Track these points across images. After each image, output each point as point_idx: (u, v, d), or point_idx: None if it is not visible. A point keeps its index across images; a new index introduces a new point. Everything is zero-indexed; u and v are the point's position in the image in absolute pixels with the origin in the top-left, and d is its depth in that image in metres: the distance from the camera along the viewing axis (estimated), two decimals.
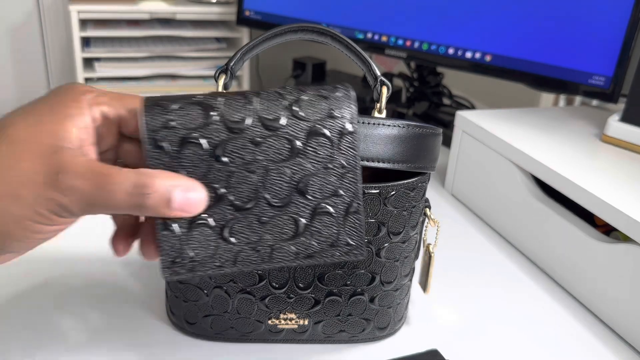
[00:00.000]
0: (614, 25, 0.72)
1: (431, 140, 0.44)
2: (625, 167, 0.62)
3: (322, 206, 0.35)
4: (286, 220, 0.35)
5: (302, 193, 0.35)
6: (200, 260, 0.34)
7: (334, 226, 0.36)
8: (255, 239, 0.35)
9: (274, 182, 0.35)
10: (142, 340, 0.49)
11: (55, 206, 0.31)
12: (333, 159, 0.35)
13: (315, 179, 0.35)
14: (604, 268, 0.54)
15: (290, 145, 0.35)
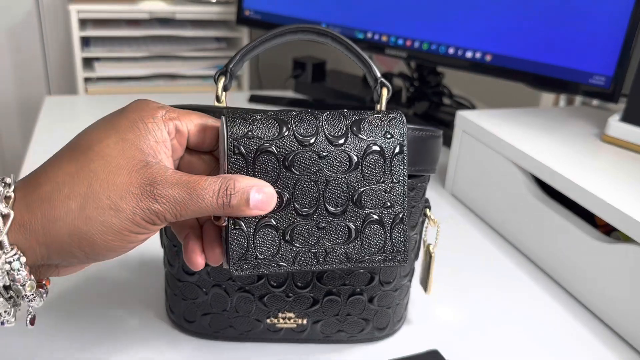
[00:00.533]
0: (614, 24, 0.72)
1: (431, 143, 0.44)
2: (625, 167, 0.62)
3: (373, 216, 0.39)
4: (341, 226, 0.38)
5: (357, 203, 0.38)
6: (263, 259, 0.37)
7: (382, 234, 0.39)
8: (312, 242, 0.38)
9: (333, 192, 0.38)
10: (141, 339, 0.49)
11: (151, 215, 0.33)
12: (385, 174, 0.39)
13: (368, 191, 0.39)
14: (604, 268, 0.54)
15: (349, 160, 0.38)
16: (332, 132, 0.38)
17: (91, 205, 0.33)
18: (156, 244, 0.61)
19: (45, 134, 0.91)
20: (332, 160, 0.38)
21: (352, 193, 0.38)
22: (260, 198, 0.36)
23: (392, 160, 0.39)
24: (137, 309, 0.52)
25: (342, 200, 0.38)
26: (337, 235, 0.38)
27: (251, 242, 0.37)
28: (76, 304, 0.52)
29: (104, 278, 0.56)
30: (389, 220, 0.39)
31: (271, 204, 0.37)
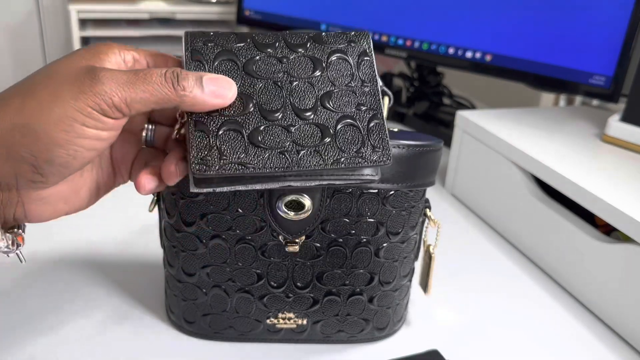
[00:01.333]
0: (614, 24, 0.72)
1: (432, 157, 0.44)
2: (625, 167, 0.62)
3: (346, 117, 0.38)
4: (313, 128, 0.37)
5: (326, 105, 0.38)
6: (228, 161, 0.35)
7: (359, 135, 0.37)
8: (282, 144, 0.36)
9: (300, 95, 0.37)
10: (141, 339, 0.49)
11: (95, 98, 0.32)
12: (353, 76, 0.39)
13: (338, 93, 0.38)
14: (604, 268, 0.54)
15: (313, 63, 0.38)
16: (293, 40, 0.39)
17: (30, 98, 0.32)
18: (156, 245, 0.62)
19: None
20: (294, 64, 0.38)
21: (320, 94, 0.38)
22: (214, 82, 0.35)
23: (359, 63, 0.39)
24: (137, 309, 0.52)
25: (311, 102, 0.37)
26: (309, 137, 0.37)
27: (214, 143, 0.35)
28: (76, 304, 0.52)
29: (104, 279, 0.56)
30: (365, 121, 0.38)
31: (228, 89, 0.36)
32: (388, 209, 0.44)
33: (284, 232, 0.43)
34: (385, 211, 0.44)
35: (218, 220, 0.44)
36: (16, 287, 0.54)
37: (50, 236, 0.62)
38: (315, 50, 0.39)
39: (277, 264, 0.45)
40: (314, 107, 0.37)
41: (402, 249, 0.47)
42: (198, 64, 0.37)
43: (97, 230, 0.64)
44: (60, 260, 0.59)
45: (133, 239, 0.63)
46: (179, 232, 0.45)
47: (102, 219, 0.66)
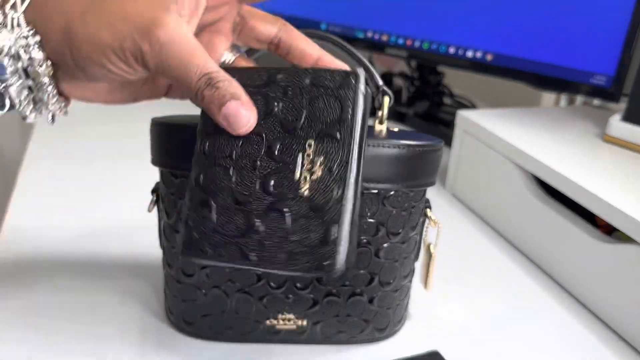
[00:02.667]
0: (615, 24, 0.72)
1: (432, 157, 0.44)
2: (627, 167, 0.62)
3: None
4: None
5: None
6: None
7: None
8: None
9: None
10: (141, 340, 0.48)
11: (136, 52, 0.33)
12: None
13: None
14: (605, 268, 0.54)
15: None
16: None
17: (92, 13, 0.34)
18: (156, 245, 0.61)
19: (44, 134, 0.91)
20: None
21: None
22: (236, 115, 0.35)
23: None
24: (137, 309, 0.52)
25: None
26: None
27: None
28: (75, 304, 0.52)
29: (104, 279, 0.56)
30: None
31: (243, 126, 0.35)
32: (388, 209, 0.44)
33: None
34: (386, 211, 0.44)
35: None
36: (16, 287, 0.54)
37: (49, 236, 0.62)
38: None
39: None
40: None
41: (402, 249, 0.46)
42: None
43: (96, 231, 0.64)
44: (59, 260, 0.58)
45: (132, 239, 0.63)
46: (178, 232, 0.45)
47: (101, 219, 0.66)
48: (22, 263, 0.57)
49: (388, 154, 0.42)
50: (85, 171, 0.79)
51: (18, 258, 0.58)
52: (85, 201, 0.70)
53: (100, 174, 0.78)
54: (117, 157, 0.84)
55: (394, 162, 0.42)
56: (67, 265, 0.58)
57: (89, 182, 0.75)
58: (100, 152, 0.85)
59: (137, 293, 0.54)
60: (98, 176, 0.77)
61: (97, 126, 0.96)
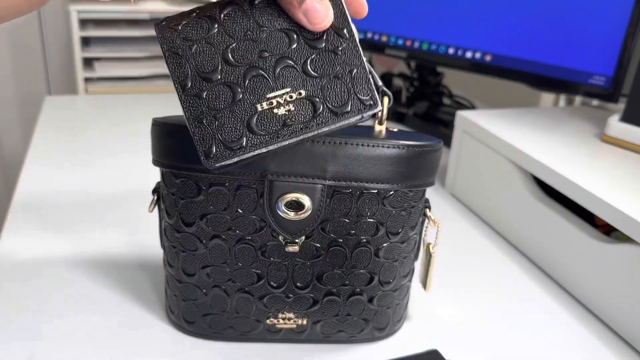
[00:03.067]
0: (614, 24, 0.72)
1: (431, 157, 0.44)
2: (625, 167, 0.62)
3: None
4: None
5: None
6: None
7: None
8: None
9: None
10: (141, 339, 0.49)
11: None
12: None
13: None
14: (604, 268, 0.54)
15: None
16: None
17: None
18: (156, 244, 0.62)
19: (45, 134, 0.91)
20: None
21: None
22: (317, 7, 0.36)
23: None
24: (137, 309, 0.52)
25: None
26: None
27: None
28: (76, 304, 0.52)
29: (104, 279, 0.56)
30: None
31: (320, 21, 0.36)
32: (388, 209, 0.44)
33: (284, 232, 0.43)
34: (385, 211, 0.44)
35: (218, 220, 0.44)
36: (16, 287, 0.54)
37: (49, 236, 0.62)
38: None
39: (277, 264, 0.45)
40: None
41: (402, 249, 0.47)
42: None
43: (97, 231, 0.64)
44: (60, 260, 0.59)
45: (133, 239, 0.63)
46: (179, 232, 0.45)
47: (102, 219, 0.67)
48: (23, 262, 0.58)
49: (387, 154, 0.42)
50: (86, 171, 0.79)
51: (19, 257, 0.58)
52: (86, 200, 0.70)
53: (101, 174, 0.78)
54: (118, 157, 0.84)
55: (394, 162, 0.43)
56: (68, 264, 0.58)
57: (90, 182, 0.76)
58: (101, 152, 0.86)
59: (138, 292, 0.54)
60: (98, 176, 0.78)
61: (98, 126, 0.96)
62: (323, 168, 0.42)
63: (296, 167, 0.42)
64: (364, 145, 0.42)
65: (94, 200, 0.71)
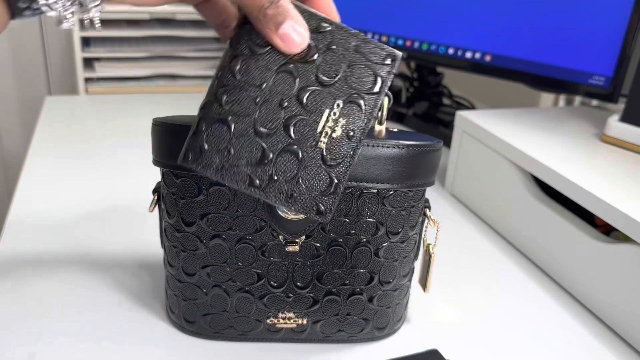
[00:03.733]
0: (613, 25, 0.72)
1: (431, 157, 0.44)
2: (625, 167, 0.62)
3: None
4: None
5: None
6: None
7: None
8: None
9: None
10: (142, 339, 0.49)
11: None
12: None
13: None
14: (603, 268, 0.54)
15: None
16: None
17: None
18: (156, 245, 0.62)
19: (46, 134, 0.92)
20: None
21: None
22: (291, 34, 0.37)
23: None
24: (137, 309, 0.52)
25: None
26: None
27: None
28: (76, 303, 0.52)
29: (104, 278, 0.56)
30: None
31: (296, 47, 0.37)
32: (388, 209, 0.44)
33: (284, 232, 0.44)
34: (385, 211, 0.44)
35: (218, 220, 0.44)
36: (16, 287, 0.54)
37: (50, 236, 0.62)
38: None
39: (277, 264, 0.46)
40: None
41: (401, 248, 0.47)
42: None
43: (97, 231, 0.64)
44: (60, 259, 0.59)
45: (133, 239, 0.63)
46: (179, 232, 0.45)
47: (102, 219, 0.67)
48: (23, 262, 0.58)
49: (387, 154, 0.42)
50: (86, 171, 0.79)
51: (19, 257, 0.59)
52: (86, 201, 0.70)
53: (101, 174, 0.78)
54: (118, 157, 0.84)
55: (393, 162, 0.43)
56: (68, 264, 0.58)
57: (90, 182, 0.76)
58: (101, 152, 0.86)
59: (138, 292, 0.54)
60: (99, 176, 0.78)
61: (98, 126, 0.96)
62: None
63: None
64: (364, 145, 0.42)
65: (94, 200, 0.71)
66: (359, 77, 0.38)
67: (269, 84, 0.38)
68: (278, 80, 0.38)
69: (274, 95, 0.38)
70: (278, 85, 0.38)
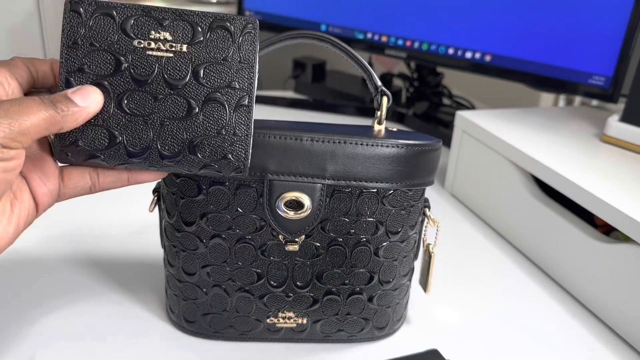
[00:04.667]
0: (613, 25, 0.72)
1: (430, 157, 0.44)
2: (625, 167, 0.62)
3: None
4: (180, 101, 0.38)
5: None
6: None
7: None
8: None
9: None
10: (142, 339, 0.49)
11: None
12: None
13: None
14: (603, 268, 0.54)
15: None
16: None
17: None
18: (156, 245, 0.62)
19: None
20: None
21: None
22: (82, 93, 0.36)
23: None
24: (137, 309, 0.52)
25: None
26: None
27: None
28: (76, 303, 0.52)
29: (105, 278, 0.56)
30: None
31: (97, 94, 0.37)
32: (387, 208, 0.44)
33: (284, 231, 0.44)
34: (385, 210, 0.44)
35: (218, 219, 0.44)
36: (16, 287, 0.54)
37: (50, 236, 0.62)
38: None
39: (277, 264, 0.46)
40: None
41: (401, 248, 0.47)
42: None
43: (97, 230, 0.64)
44: (60, 259, 0.59)
45: (133, 239, 0.63)
46: (179, 231, 0.45)
47: (102, 219, 0.67)
48: (23, 261, 0.58)
49: (387, 153, 0.42)
50: None
51: (19, 256, 0.59)
52: (86, 200, 0.70)
53: None
54: None
55: (393, 162, 0.43)
56: (68, 264, 0.58)
57: None
58: None
59: (138, 292, 0.54)
60: None
61: None
62: (322, 167, 0.42)
63: (296, 167, 0.42)
64: (363, 144, 0.42)
65: (94, 199, 0.71)
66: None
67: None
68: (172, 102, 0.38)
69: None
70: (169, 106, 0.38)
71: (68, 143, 0.38)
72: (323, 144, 0.42)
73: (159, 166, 0.39)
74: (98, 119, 0.37)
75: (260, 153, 0.41)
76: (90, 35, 0.37)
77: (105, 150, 0.38)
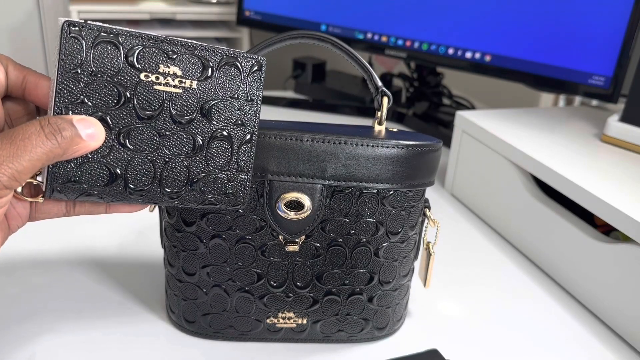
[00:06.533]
0: (613, 25, 0.72)
1: (431, 157, 0.45)
2: (624, 167, 0.62)
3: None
4: (186, 138, 0.38)
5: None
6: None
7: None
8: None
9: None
10: (142, 339, 0.49)
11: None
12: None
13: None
14: (603, 268, 0.54)
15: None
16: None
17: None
18: (156, 245, 0.62)
19: None
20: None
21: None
22: (84, 123, 0.34)
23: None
24: (138, 309, 0.52)
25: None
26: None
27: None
28: (76, 303, 0.53)
29: (105, 278, 0.56)
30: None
31: (97, 129, 0.35)
32: (387, 209, 0.44)
33: (284, 231, 0.44)
34: (385, 211, 0.44)
35: (218, 220, 0.44)
36: (17, 287, 0.54)
37: (50, 236, 0.62)
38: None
39: (277, 264, 0.46)
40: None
41: (401, 248, 0.47)
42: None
43: (97, 231, 0.64)
44: (60, 260, 0.59)
45: (133, 239, 0.63)
46: (179, 231, 0.45)
47: (102, 219, 0.67)
48: (24, 261, 0.58)
49: (387, 153, 0.42)
50: None
51: (19, 256, 0.59)
52: None
53: None
54: None
55: (393, 162, 0.43)
56: (68, 264, 0.58)
57: None
58: None
59: (138, 292, 0.54)
60: None
61: None
62: (323, 168, 0.42)
63: (296, 167, 0.42)
64: (364, 145, 0.42)
65: None
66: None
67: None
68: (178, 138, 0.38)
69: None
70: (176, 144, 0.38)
71: (62, 181, 0.35)
72: (323, 144, 0.42)
73: (159, 202, 0.38)
74: (97, 154, 0.36)
75: (260, 153, 0.41)
76: (92, 65, 0.35)
77: (103, 187, 0.36)
